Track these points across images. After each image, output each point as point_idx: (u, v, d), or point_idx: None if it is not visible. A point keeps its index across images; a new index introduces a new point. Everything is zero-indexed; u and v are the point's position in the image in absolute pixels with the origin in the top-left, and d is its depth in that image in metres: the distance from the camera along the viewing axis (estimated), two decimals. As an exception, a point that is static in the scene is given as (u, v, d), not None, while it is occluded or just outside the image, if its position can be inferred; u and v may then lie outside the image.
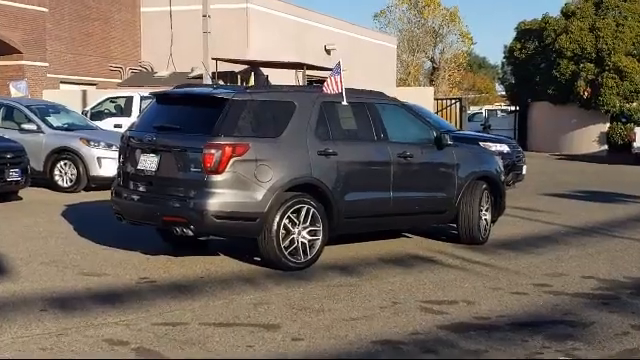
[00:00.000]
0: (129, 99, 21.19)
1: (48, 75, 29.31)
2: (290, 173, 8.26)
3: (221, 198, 7.92)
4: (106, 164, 15.49)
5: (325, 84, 8.99)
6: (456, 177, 9.79)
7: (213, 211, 7.89)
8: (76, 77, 31.74)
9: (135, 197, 8.52)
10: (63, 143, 15.77)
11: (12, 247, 9.39)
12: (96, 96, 24.43)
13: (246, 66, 31.48)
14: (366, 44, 41.16)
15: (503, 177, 10.62)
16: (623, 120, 32.66)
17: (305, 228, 8.33)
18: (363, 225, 9.21)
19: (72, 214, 12.30)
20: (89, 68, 32.58)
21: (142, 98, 20.68)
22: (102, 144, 15.75)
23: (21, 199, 14.19)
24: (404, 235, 10.62)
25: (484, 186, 10.08)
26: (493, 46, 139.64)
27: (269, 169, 8.09)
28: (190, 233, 8.07)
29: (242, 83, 28.79)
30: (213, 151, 7.87)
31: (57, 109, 17.61)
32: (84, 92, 26.94)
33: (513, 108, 40.77)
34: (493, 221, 10.45)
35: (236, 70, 30.71)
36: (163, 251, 9.14)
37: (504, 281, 7.99)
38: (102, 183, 15.59)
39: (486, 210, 10.13)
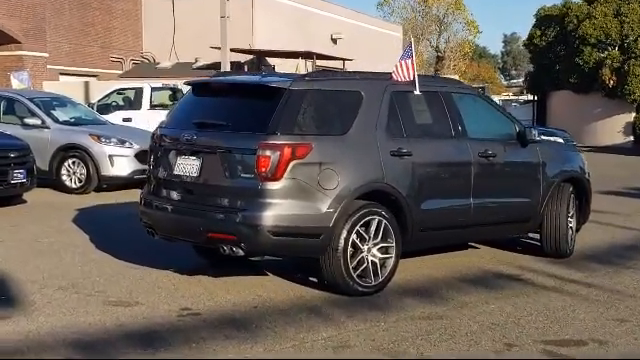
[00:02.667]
0: (139, 91, 19.63)
1: (48, 66, 27.79)
2: (359, 178, 6.81)
3: (278, 210, 6.47)
4: (118, 162, 14.03)
5: (394, 70, 7.51)
6: (541, 179, 8.36)
7: (269, 226, 6.44)
8: (76, 68, 30.40)
9: (170, 208, 7.04)
10: (71, 139, 14.23)
11: (21, 265, 7.95)
12: (100, 88, 22.95)
13: (252, 56, 30.08)
14: (372, 33, 39.79)
15: (588, 177, 9.16)
16: (649, 110, 31.29)
17: (376, 244, 6.90)
18: (440, 238, 7.77)
19: (85, 220, 10.85)
20: (89, 59, 31.19)
21: (153, 89, 19.22)
22: (114, 140, 14.25)
23: (25, 202, 12.73)
24: (472, 246, 9.18)
25: (570, 189, 8.65)
26: (493, 35, 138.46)
27: (335, 174, 6.64)
28: (240, 252, 6.61)
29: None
30: (269, 153, 6.42)
31: (62, 102, 16.06)
32: (86, 84, 25.44)
33: (526, 98, 39.33)
34: (577, 229, 9.01)
35: (242, 60, 29.32)
36: (201, 269, 7.72)
37: (623, 309, 6.57)
38: (114, 183, 14.24)
39: (571, 217, 8.70)
